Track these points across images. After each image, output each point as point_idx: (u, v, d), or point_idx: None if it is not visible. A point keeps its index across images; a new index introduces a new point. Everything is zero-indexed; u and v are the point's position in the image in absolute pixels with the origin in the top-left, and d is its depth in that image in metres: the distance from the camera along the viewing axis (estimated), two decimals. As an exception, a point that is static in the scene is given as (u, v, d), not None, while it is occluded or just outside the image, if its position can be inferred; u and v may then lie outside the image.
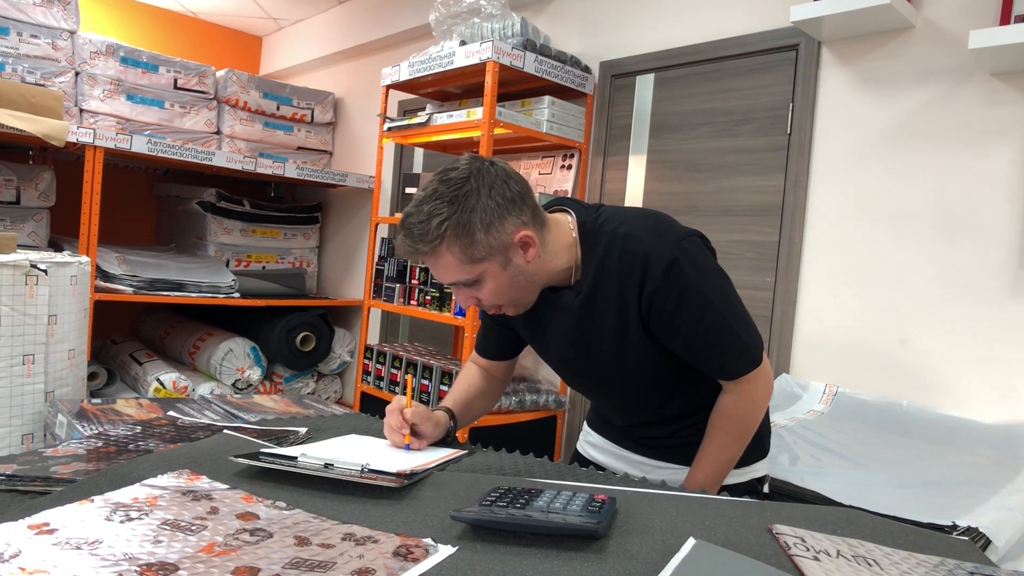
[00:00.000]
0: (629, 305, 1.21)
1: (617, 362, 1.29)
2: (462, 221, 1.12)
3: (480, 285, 1.18)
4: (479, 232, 1.13)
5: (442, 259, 1.15)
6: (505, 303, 1.23)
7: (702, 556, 0.69)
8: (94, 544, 0.68)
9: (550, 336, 1.35)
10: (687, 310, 1.18)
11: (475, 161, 1.16)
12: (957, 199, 2.22)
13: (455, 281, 1.18)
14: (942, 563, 0.78)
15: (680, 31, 2.91)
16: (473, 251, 1.14)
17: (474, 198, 1.12)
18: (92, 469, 0.95)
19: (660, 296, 1.18)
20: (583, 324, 1.27)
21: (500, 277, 1.18)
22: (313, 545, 0.72)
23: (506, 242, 1.15)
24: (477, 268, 1.15)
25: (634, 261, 1.19)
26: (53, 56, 3.79)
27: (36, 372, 1.47)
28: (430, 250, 1.13)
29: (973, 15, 2.19)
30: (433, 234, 1.11)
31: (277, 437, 1.17)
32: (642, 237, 1.20)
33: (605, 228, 1.23)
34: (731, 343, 1.21)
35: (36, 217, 3.66)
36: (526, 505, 0.83)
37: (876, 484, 1.68)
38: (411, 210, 1.14)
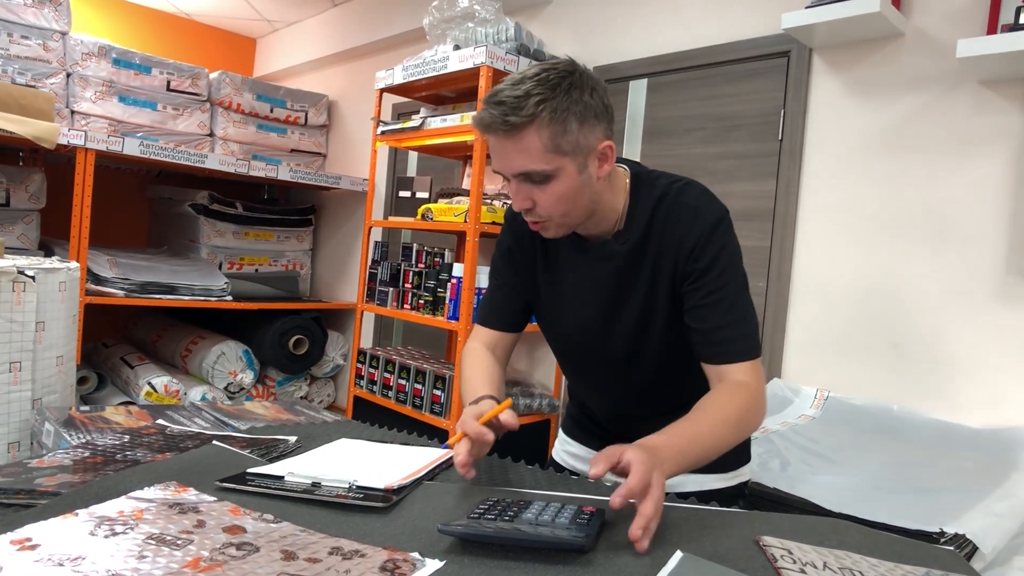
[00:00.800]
0: (667, 258, 1.20)
1: (637, 325, 1.25)
2: (560, 107, 1.08)
3: (549, 183, 1.13)
4: (574, 123, 1.10)
5: (526, 141, 1.09)
6: (558, 215, 1.16)
7: (689, 570, 0.69)
8: (77, 560, 0.68)
9: (577, 292, 1.30)
10: (717, 269, 1.17)
11: (576, 63, 1.15)
12: (947, 206, 2.23)
13: (528, 170, 1.11)
14: (928, 574, 0.78)
15: (673, 37, 2.92)
16: (561, 141, 1.10)
17: (576, 92, 1.10)
18: (78, 481, 0.95)
19: (700, 248, 1.17)
20: (621, 276, 1.24)
21: (572, 181, 1.13)
22: (300, 560, 0.72)
23: (591, 146, 1.13)
24: (556, 161, 1.11)
25: (684, 213, 1.19)
26: (44, 57, 3.78)
27: (23, 379, 1.47)
28: (519, 123, 1.07)
29: (962, 24, 2.20)
30: (529, 110, 1.07)
31: (266, 447, 1.17)
32: (696, 193, 1.22)
33: (661, 180, 1.24)
34: (742, 318, 1.18)
35: (26, 219, 3.64)
36: (514, 518, 0.83)
37: (866, 490, 1.69)
38: (504, 87, 1.10)
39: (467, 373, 1.32)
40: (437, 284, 3.04)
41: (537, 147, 1.09)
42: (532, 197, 1.14)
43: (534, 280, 1.37)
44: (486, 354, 1.37)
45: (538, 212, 1.16)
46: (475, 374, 1.30)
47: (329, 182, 4.25)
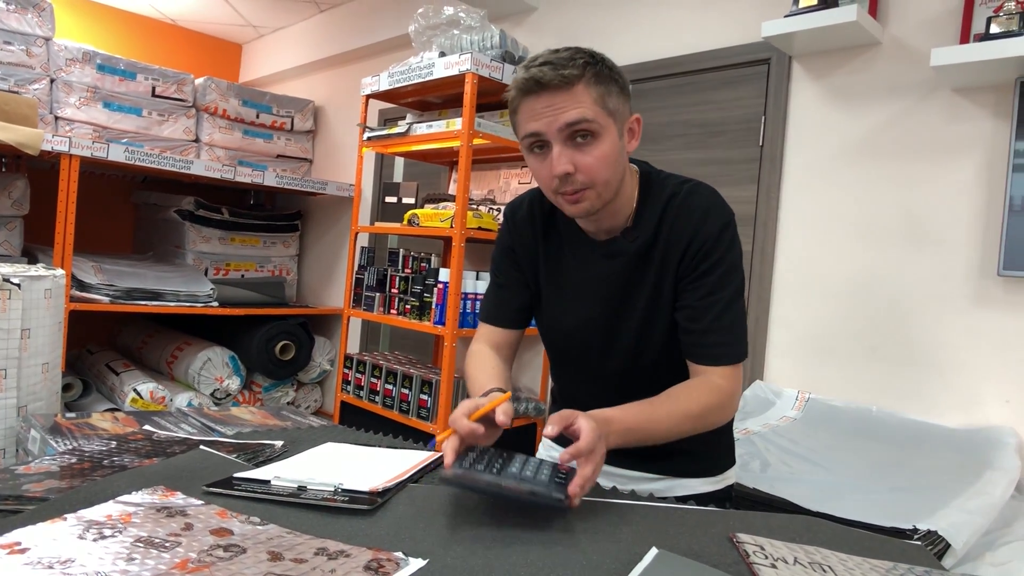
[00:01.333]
0: (672, 257, 1.22)
1: (642, 324, 1.26)
2: (602, 72, 1.14)
3: (594, 143, 1.14)
4: (615, 87, 1.16)
5: (578, 93, 1.12)
6: (600, 182, 1.17)
7: (663, 565, 0.71)
8: (67, 563, 0.70)
9: (582, 288, 1.31)
10: (717, 273, 1.20)
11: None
12: (923, 210, 2.28)
13: (581, 119, 1.12)
14: (894, 568, 0.81)
15: (656, 44, 2.96)
16: (608, 100, 1.14)
17: (611, 66, 1.17)
18: (65, 487, 0.96)
19: (708, 249, 1.19)
20: (629, 274, 1.27)
21: (615, 144, 1.16)
22: (286, 560, 0.74)
23: (626, 115, 1.20)
24: (604, 118, 1.14)
25: (694, 212, 1.21)
26: (27, 63, 3.77)
27: (8, 387, 1.47)
28: (573, 77, 1.11)
29: (936, 33, 2.25)
30: (578, 67, 1.12)
31: (253, 451, 1.19)
32: (706, 194, 1.25)
33: (671, 180, 1.28)
34: (730, 325, 1.21)
35: (9, 226, 3.63)
36: (500, 471, 0.91)
37: (844, 489, 1.72)
38: (543, 54, 1.15)
39: (473, 374, 1.33)
40: (424, 289, 3.06)
41: (588, 101, 1.12)
42: (575, 160, 1.15)
43: (536, 277, 1.38)
44: (491, 354, 1.38)
45: (578, 179, 1.16)
46: (481, 374, 1.31)
47: (315, 187, 4.26)
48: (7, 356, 1.46)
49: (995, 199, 2.13)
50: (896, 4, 2.36)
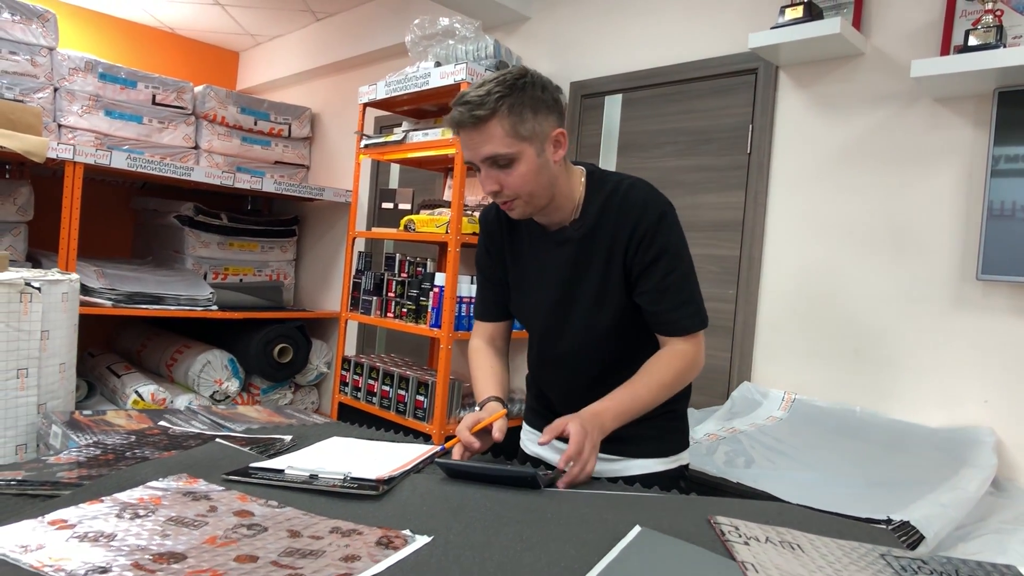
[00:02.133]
0: (618, 246, 1.40)
1: (593, 302, 1.44)
2: (517, 102, 1.30)
3: (513, 166, 1.33)
4: (528, 113, 1.31)
5: (490, 129, 1.29)
6: (524, 194, 1.36)
7: (645, 541, 0.79)
8: (110, 537, 0.77)
9: (542, 273, 1.50)
10: (665, 258, 1.39)
11: (527, 69, 1.37)
12: (905, 216, 2.36)
13: (494, 154, 1.31)
14: (860, 546, 0.89)
15: (647, 54, 3.04)
16: (520, 128, 1.30)
17: (529, 89, 1.32)
18: (95, 475, 1.03)
19: (649, 237, 1.38)
20: (577, 257, 1.44)
21: (532, 163, 1.34)
22: (304, 537, 0.81)
23: (546, 133, 1.35)
24: (517, 146, 1.31)
25: (633, 206, 1.40)
26: (32, 72, 3.83)
27: (29, 385, 1.54)
28: (484, 116, 1.28)
29: (917, 45, 2.33)
30: (490, 105, 1.28)
31: (264, 444, 1.26)
32: (643, 189, 1.43)
33: (612, 178, 1.46)
34: (689, 299, 1.41)
35: (14, 231, 3.69)
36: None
37: (824, 484, 1.80)
38: (470, 89, 1.31)
39: (475, 373, 1.56)
40: (420, 293, 3.13)
41: (500, 134, 1.30)
42: (499, 180, 1.34)
43: (504, 269, 1.58)
44: (489, 352, 1.61)
45: (505, 193, 1.36)
46: (481, 374, 1.55)
47: (312, 193, 4.33)
48: (28, 356, 1.52)
49: (974, 205, 2.21)
50: (879, 16, 2.45)
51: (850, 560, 0.84)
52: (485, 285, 1.64)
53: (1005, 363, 2.14)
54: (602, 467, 1.47)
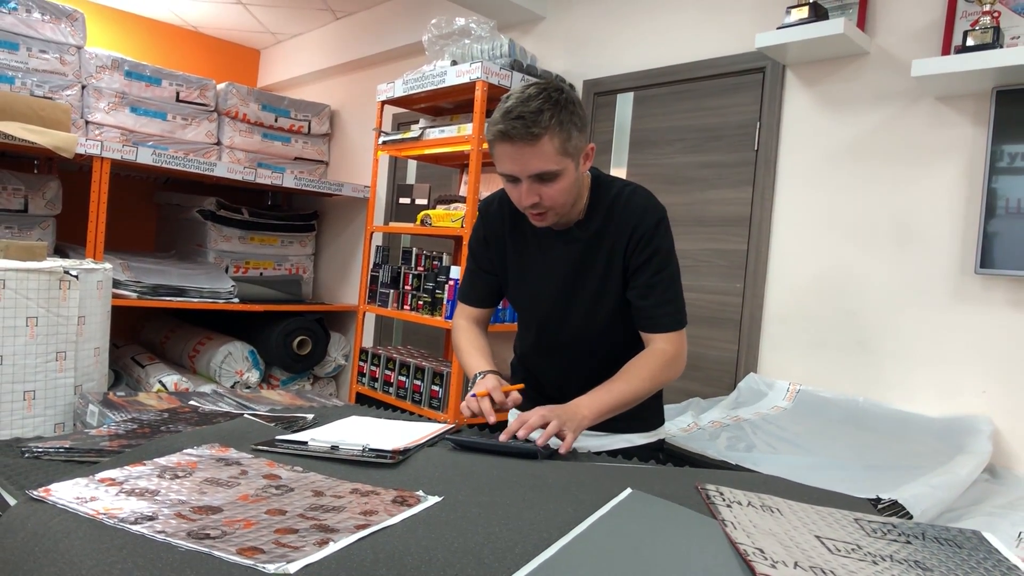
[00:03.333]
0: (619, 245, 1.51)
1: (595, 296, 1.55)
2: (564, 119, 1.37)
3: (556, 180, 1.41)
4: (575, 131, 1.40)
5: (542, 147, 1.36)
6: (559, 206, 1.45)
7: (635, 501, 0.87)
8: (153, 493, 0.86)
9: (546, 269, 1.59)
10: (657, 258, 1.50)
11: (562, 80, 1.48)
12: (907, 211, 2.41)
13: (543, 171, 1.38)
14: (836, 511, 0.96)
15: (658, 53, 3.11)
16: (568, 145, 1.39)
17: (571, 106, 1.40)
18: (135, 444, 1.12)
19: (646, 239, 1.49)
20: (583, 256, 1.54)
21: (571, 177, 1.43)
22: (327, 496, 0.90)
23: (583, 148, 1.45)
24: (564, 162, 1.40)
25: (634, 210, 1.51)
26: (61, 70, 3.96)
27: (67, 367, 1.64)
28: (539, 133, 1.35)
29: (920, 44, 2.39)
30: (544, 123, 1.35)
31: (288, 421, 1.35)
32: (643, 195, 1.55)
33: (615, 184, 1.57)
34: (672, 299, 1.52)
35: (43, 225, 3.82)
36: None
37: (820, 467, 1.87)
38: (515, 104, 1.36)
39: (465, 347, 1.66)
40: (435, 286, 3.22)
41: (551, 152, 1.37)
42: (539, 193, 1.42)
43: (503, 261, 1.67)
44: (476, 330, 1.72)
45: (543, 204, 1.44)
46: (473, 349, 1.65)
47: (332, 189, 4.43)
48: (67, 340, 1.63)
49: (973, 201, 2.26)
50: (883, 17, 2.50)
51: (825, 523, 0.91)
52: (476, 272, 1.73)
53: (1003, 354, 2.20)
54: (588, 442, 1.59)
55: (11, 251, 1.66)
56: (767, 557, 0.74)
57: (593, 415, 1.37)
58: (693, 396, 2.73)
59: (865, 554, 0.81)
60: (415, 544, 0.74)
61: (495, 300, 1.76)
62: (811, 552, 0.79)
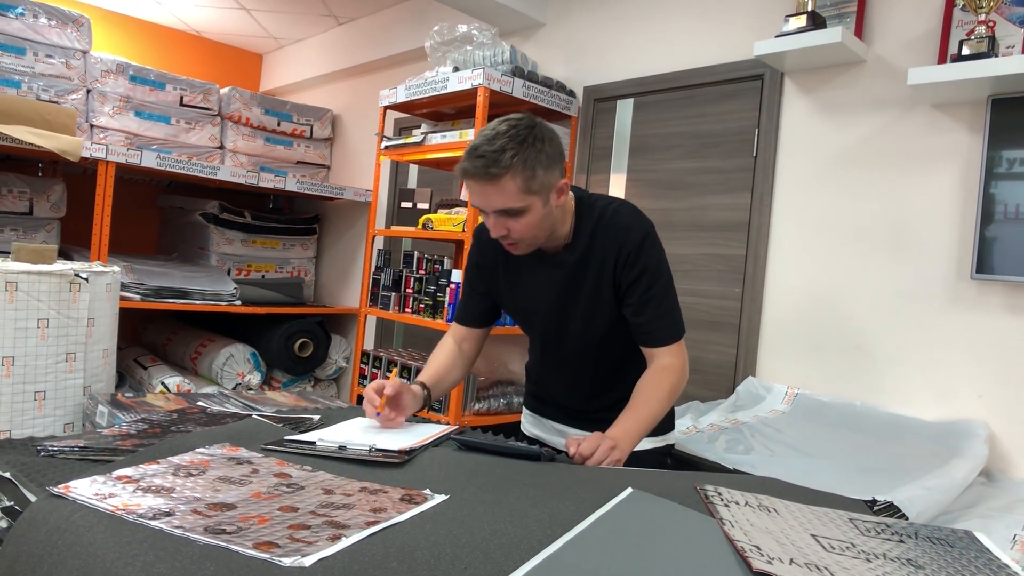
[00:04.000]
0: (607, 264, 1.53)
1: (586, 318, 1.58)
2: (528, 158, 1.38)
3: (521, 216, 1.43)
4: (540, 170, 1.40)
5: (504, 186, 1.39)
6: (528, 238, 1.48)
7: (635, 500, 0.90)
8: (169, 490, 0.89)
9: (537, 290, 1.63)
10: (647, 274, 1.52)
11: (534, 117, 1.46)
12: (904, 217, 2.44)
13: (506, 208, 1.41)
14: (831, 511, 0.99)
15: (657, 60, 3.14)
16: (531, 184, 1.40)
17: (539, 143, 1.41)
18: (147, 443, 1.15)
19: (632, 258, 1.51)
20: (571, 278, 1.57)
21: (539, 212, 1.45)
22: (337, 494, 0.93)
23: (552, 184, 1.45)
24: (528, 200, 1.41)
25: (618, 230, 1.53)
26: (66, 75, 3.99)
27: (77, 368, 1.67)
28: (498, 174, 1.37)
29: (916, 53, 2.42)
30: (504, 163, 1.36)
31: (295, 422, 1.38)
32: (627, 213, 1.56)
33: (598, 204, 1.58)
34: (666, 312, 1.54)
35: (47, 227, 3.85)
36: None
37: (817, 470, 1.89)
38: (481, 142, 1.39)
39: (429, 360, 1.76)
40: (437, 289, 3.25)
41: (512, 190, 1.40)
42: (507, 227, 1.47)
43: (497, 286, 1.71)
44: (451, 351, 1.77)
45: (512, 237, 1.48)
46: (429, 364, 1.74)
47: (334, 193, 4.46)
48: (76, 341, 1.65)
49: (969, 207, 2.29)
50: (880, 25, 2.53)
51: (821, 522, 0.94)
52: (470, 294, 1.78)
53: (998, 359, 2.23)
54: None
55: (22, 254, 1.69)
56: (763, 553, 0.77)
57: (631, 447, 1.40)
58: (692, 399, 2.76)
59: (859, 552, 0.84)
60: (424, 539, 0.76)
61: (488, 320, 1.80)
62: (806, 549, 0.82)
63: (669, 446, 1.75)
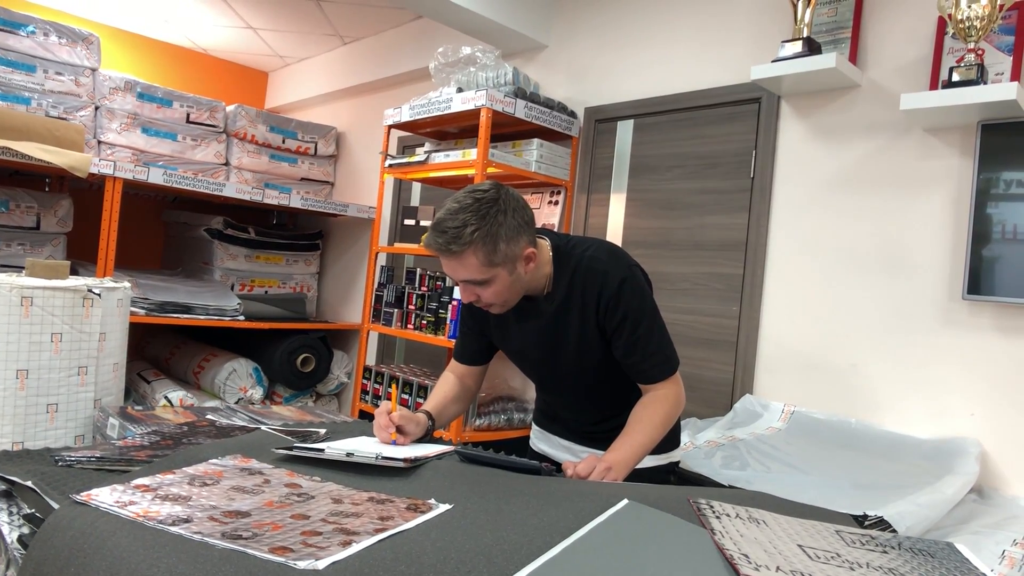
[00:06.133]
0: (589, 311, 1.55)
1: (577, 360, 1.61)
2: (490, 233, 1.41)
3: (488, 285, 1.47)
4: (502, 243, 1.43)
5: (466, 260, 1.42)
6: (498, 303, 1.52)
7: (630, 510, 0.94)
8: (186, 499, 0.93)
9: (525, 338, 1.67)
10: (630, 318, 1.54)
11: (500, 188, 1.48)
12: (897, 239, 2.49)
13: (470, 279, 1.45)
14: (818, 524, 1.03)
15: (657, 82, 3.21)
16: (494, 257, 1.43)
17: (501, 216, 1.43)
18: (161, 454, 1.19)
19: (612, 304, 1.53)
20: (554, 326, 1.60)
21: (505, 281, 1.48)
22: (345, 503, 0.97)
23: (517, 254, 1.48)
24: (491, 271, 1.45)
25: (596, 276, 1.55)
26: (75, 92, 4.06)
27: (88, 382, 1.71)
28: (459, 251, 1.41)
29: (909, 78, 2.48)
30: (465, 239, 1.40)
31: (303, 435, 1.42)
32: (603, 259, 1.58)
33: (575, 251, 1.60)
34: (656, 350, 1.57)
35: (54, 242, 3.90)
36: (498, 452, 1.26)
37: (811, 486, 1.93)
38: (445, 216, 1.43)
39: (433, 391, 1.79)
40: (439, 306, 3.30)
41: (474, 264, 1.44)
42: (476, 293, 1.51)
43: (489, 329, 1.76)
44: (453, 383, 1.80)
45: (483, 301, 1.52)
46: (434, 395, 1.76)
47: (338, 209, 4.52)
48: (88, 355, 1.70)
49: (960, 229, 2.34)
50: (874, 51, 2.60)
51: (808, 534, 0.98)
52: (467, 334, 1.82)
53: (990, 378, 2.27)
54: None
55: (36, 270, 1.74)
56: (751, 561, 0.81)
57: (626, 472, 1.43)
58: (690, 416, 2.79)
59: (843, 561, 0.88)
60: (430, 546, 0.81)
61: (485, 358, 1.83)
62: (792, 558, 0.86)
63: (673, 463, 1.78)
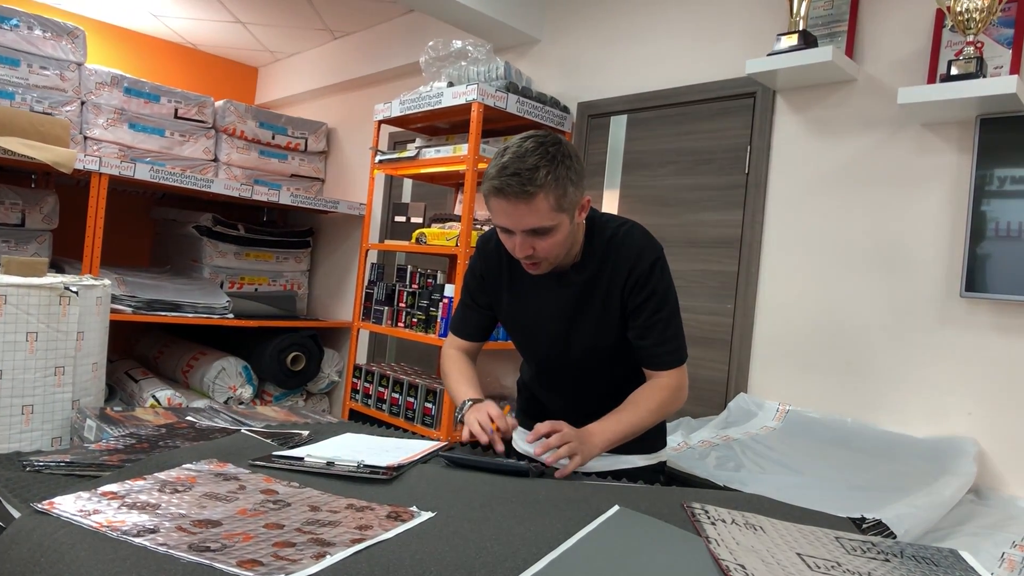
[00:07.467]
0: (615, 286, 1.52)
1: (591, 338, 1.57)
2: (560, 176, 1.38)
3: (550, 234, 1.42)
4: (570, 187, 1.40)
5: (537, 204, 1.37)
6: (553, 257, 1.48)
7: (621, 518, 0.90)
8: (154, 507, 0.88)
9: (544, 308, 1.61)
10: (655, 299, 1.52)
11: (557, 135, 1.45)
12: (894, 235, 2.46)
13: (537, 227, 1.40)
14: (817, 530, 0.99)
15: (651, 77, 3.17)
16: (563, 202, 1.40)
17: (568, 161, 1.40)
18: (134, 459, 1.15)
19: (642, 281, 1.51)
20: (579, 297, 1.56)
21: (566, 230, 1.44)
22: (323, 511, 0.92)
23: (578, 201, 1.45)
24: (558, 218, 1.41)
25: (631, 251, 1.52)
26: (60, 87, 3.99)
27: (65, 382, 1.66)
28: (534, 192, 1.35)
29: (906, 72, 2.44)
30: (539, 181, 1.35)
31: (284, 437, 1.37)
32: (637, 235, 1.55)
33: (610, 224, 1.57)
34: (671, 337, 1.54)
35: (39, 239, 3.84)
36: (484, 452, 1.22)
37: (807, 487, 1.89)
38: (511, 160, 1.37)
39: (453, 374, 1.69)
40: (430, 304, 3.25)
41: (545, 208, 1.38)
42: (533, 245, 1.44)
43: (500, 300, 1.69)
44: (464, 359, 1.74)
45: (537, 256, 1.46)
46: (461, 376, 1.68)
47: (328, 206, 4.46)
48: (65, 355, 1.65)
49: (958, 226, 2.31)
50: (871, 45, 2.56)
51: (807, 541, 0.94)
52: (470, 307, 1.76)
53: (987, 377, 2.24)
54: (591, 463, 1.59)
55: (12, 267, 1.68)
56: (748, 572, 0.77)
57: (604, 445, 1.42)
58: (684, 415, 2.76)
59: (844, 571, 0.84)
60: (409, 558, 0.76)
61: (485, 335, 1.79)
62: (791, 569, 0.82)
63: (662, 463, 1.75)
